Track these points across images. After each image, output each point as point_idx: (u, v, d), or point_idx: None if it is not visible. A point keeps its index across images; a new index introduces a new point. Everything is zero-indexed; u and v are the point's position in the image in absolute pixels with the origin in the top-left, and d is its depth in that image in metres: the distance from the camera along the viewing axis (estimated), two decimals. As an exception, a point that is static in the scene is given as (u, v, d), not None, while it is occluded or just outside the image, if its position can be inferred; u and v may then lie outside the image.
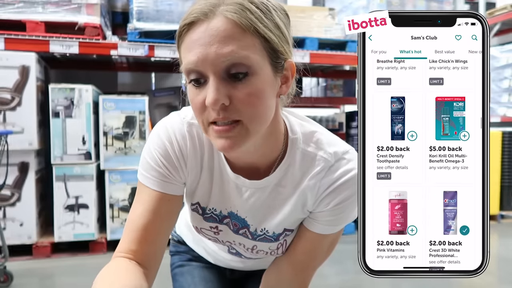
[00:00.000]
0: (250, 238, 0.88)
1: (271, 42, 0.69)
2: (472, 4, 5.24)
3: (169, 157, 0.80)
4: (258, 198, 0.83)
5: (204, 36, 0.66)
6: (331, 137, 0.83)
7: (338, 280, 2.47)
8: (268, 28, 0.69)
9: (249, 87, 0.67)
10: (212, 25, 0.66)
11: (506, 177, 3.95)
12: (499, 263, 2.77)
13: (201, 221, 0.89)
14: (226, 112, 0.67)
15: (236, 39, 0.66)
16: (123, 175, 2.92)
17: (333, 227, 0.83)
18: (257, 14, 0.68)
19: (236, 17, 0.66)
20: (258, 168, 0.81)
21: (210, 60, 0.65)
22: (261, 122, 0.71)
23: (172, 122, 0.82)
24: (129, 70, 3.93)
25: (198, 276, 1.08)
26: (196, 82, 0.69)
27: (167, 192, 0.81)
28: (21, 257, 2.73)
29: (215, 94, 0.65)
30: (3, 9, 2.73)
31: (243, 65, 0.66)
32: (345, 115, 4.13)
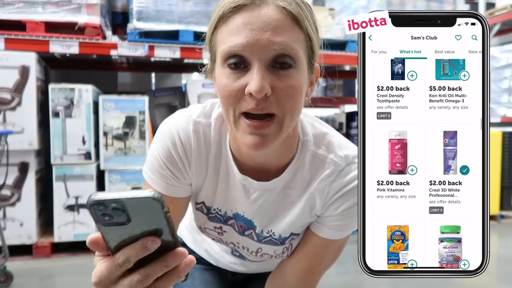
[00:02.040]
0: (255, 240, 0.86)
1: (312, 42, 0.69)
2: (472, 4, 5.24)
3: (172, 160, 0.79)
4: (266, 200, 0.81)
5: (256, 22, 0.64)
6: (342, 140, 0.81)
7: (339, 280, 2.47)
8: (311, 28, 0.69)
9: (292, 80, 0.66)
10: (265, 12, 0.64)
11: (506, 177, 3.95)
12: (499, 263, 2.77)
13: (205, 221, 0.87)
14: (265, 103, 0.65)
15: (288, 30, 0.65)
16: (123, 175, 2.91)
17: (340, 232, 0.82)
18: (305, 11, 0.68)
19: (290, 9, 0.65)
20: (268, 170, 0.80)
21: (261, 46, 0.64)
22: (294, 118, 0.70)
23: (176, 121, 0.80)
24: (129, 70, 3.93)
25: (199, 279, 1.07)
26: (235, 66, 0.66)
27: (170, 195, 0.80)
28: (21, 257, 2.72)
29: (261, 81, 0.63)
30: (3, 9, 2.72)
31: (291, 57, 0.65)
32: (345, 115, 4.12)
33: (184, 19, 3.02)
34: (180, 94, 3.34)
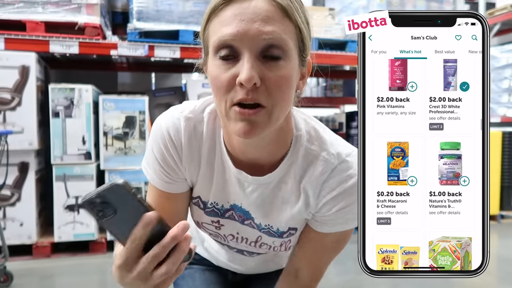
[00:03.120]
0: (255, 228, 0.87)
1: (302, 35, 0.70)
2: (472, 4, 5.24)
3: (163, 156, 0.80)
4: (261, 194, 0.82)
5: (246, 12, 0.65)
6: (334, 137, 0.82)
7: (339, 280, 2.47)
8: (301, 20, 0.69)
9: (281, 71, 0.67)
10: (255, 4, 0.65)
11: (506, 177, 3.95)
12: (499, 263, 2.77)
13: (202, 215, 0.88)
14: (255, 93, 0.66)
15: (278, 21, 0.66)
16: (123, 175, 2.91)
17: (336, 226, 0.82)
18: (295, 4, 0.69)
19: (280, 1, 0.66)
20: (262, 165, 0.80)
21: (251, 36, 0.64)
22: (283, 109, 0.70)
23: (166, 118, 0.81)
24: (129, 70, 3.93)
25: (199, 279, 1.07)
26: (226, 57, 0.67)
27: (167, 190, 0.82)
28: (21, 257, 2.72)
29: (250, 71, 0.64)
30: (3, 9, 2.73)
31: (281, 48, 0.66)
32: (345, 115, 4.12)
33: (184, 19, 3.02)
34: (180, 94, 3.34)
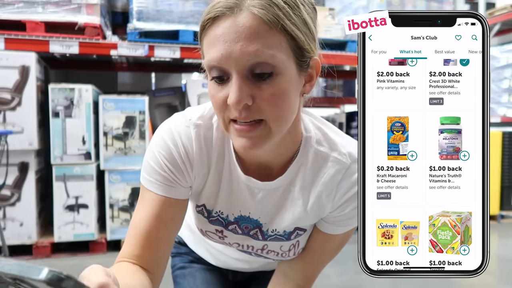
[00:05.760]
0: (260, 239, 0.86)
1: (297, 40, 0.66)
2: (472, 4, 5.24)
3: (174, 161, 0.77)
4: (271, 199, 0.81)
5: (229, 32, 0.63)
6: (344, 137, 0.81)
7: (339, 280, 2.47)
8: (295, 25, 0.65)
9: (273, 87, 0.65)
10: (237, 21, 0.63)
11: (506, 177, 3.95)
12: (499, 263, 2.77)
13: (206, 223, 0.86)
14: (248, 111, 0.65)
15: (262, 37, 0.63)
16: (123, 175, 2.91)
17: (343, 227, 0.82)
18: (285, 10, 0.64)
19: (263, 14, 0.62)
20: (271, 168, 0.79)
21: (234, 58, 0.63)
22: (284, 122, 0.69)
23: (177, 124, 0.79)
24: (129, 70, 3.93)
25: (200, 279, 1.06)
26: (218, 79, 0.66)
27: (172, 196, 0.78)
28: (21, 257, 2.72)
29: (238, 94, 0.63)
30: (3, 9, 2.73)
31: (268, 64, 0.64)
32: (345, 115, 4.12)
33: (184, 19, 3.02)
34: (180, 94, 3.34)
